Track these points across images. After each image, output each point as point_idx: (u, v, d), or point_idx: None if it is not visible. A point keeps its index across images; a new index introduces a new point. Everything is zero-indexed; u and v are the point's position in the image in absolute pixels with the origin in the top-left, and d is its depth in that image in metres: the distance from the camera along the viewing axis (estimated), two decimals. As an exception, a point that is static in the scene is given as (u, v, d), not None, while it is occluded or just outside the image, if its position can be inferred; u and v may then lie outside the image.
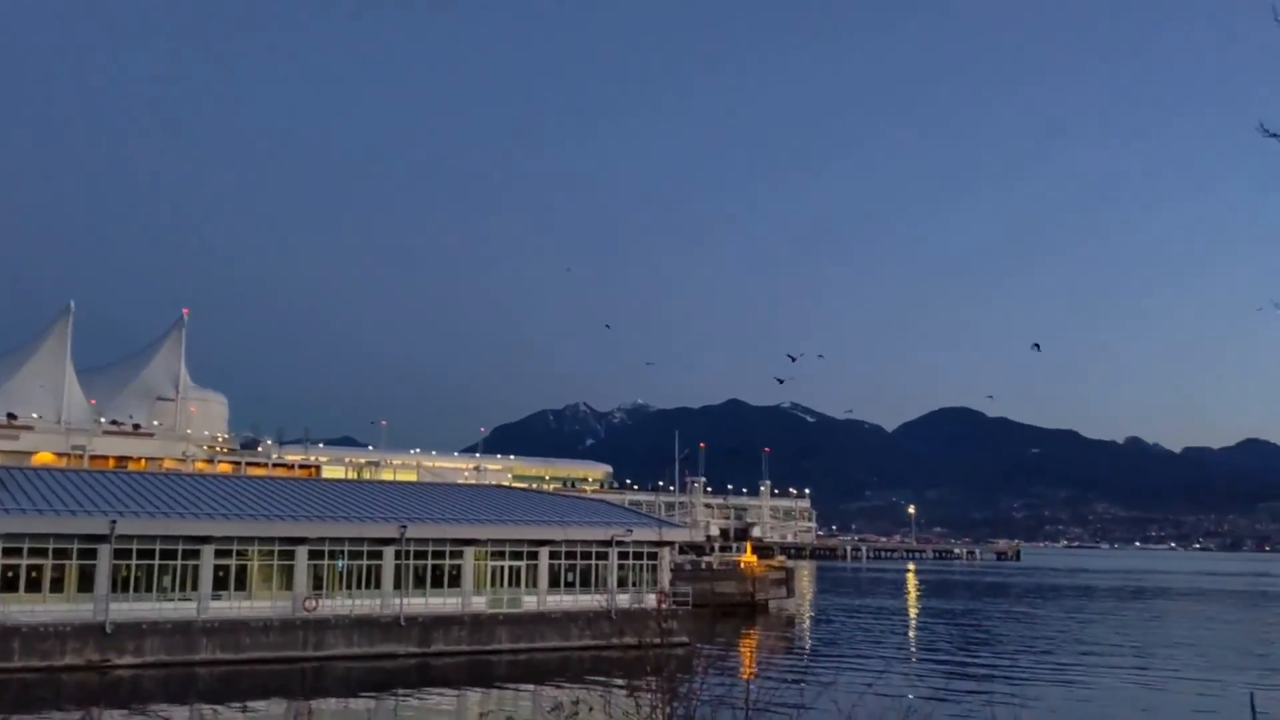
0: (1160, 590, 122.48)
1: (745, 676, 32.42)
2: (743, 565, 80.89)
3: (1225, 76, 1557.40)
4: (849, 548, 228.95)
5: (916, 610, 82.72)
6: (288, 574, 42.77)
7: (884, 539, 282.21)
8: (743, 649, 51.52)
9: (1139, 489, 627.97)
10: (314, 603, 41.85)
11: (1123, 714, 34.26)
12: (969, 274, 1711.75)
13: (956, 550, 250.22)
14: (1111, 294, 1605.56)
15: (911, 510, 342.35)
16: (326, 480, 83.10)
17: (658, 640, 11.76)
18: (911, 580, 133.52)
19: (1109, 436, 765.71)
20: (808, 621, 70.04)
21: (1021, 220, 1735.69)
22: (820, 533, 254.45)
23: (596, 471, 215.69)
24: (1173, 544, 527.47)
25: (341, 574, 44.00)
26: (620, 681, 11.91)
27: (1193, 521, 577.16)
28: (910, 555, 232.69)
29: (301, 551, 42.91)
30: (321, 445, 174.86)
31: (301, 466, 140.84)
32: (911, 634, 63.65)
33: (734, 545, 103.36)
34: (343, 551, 44.03)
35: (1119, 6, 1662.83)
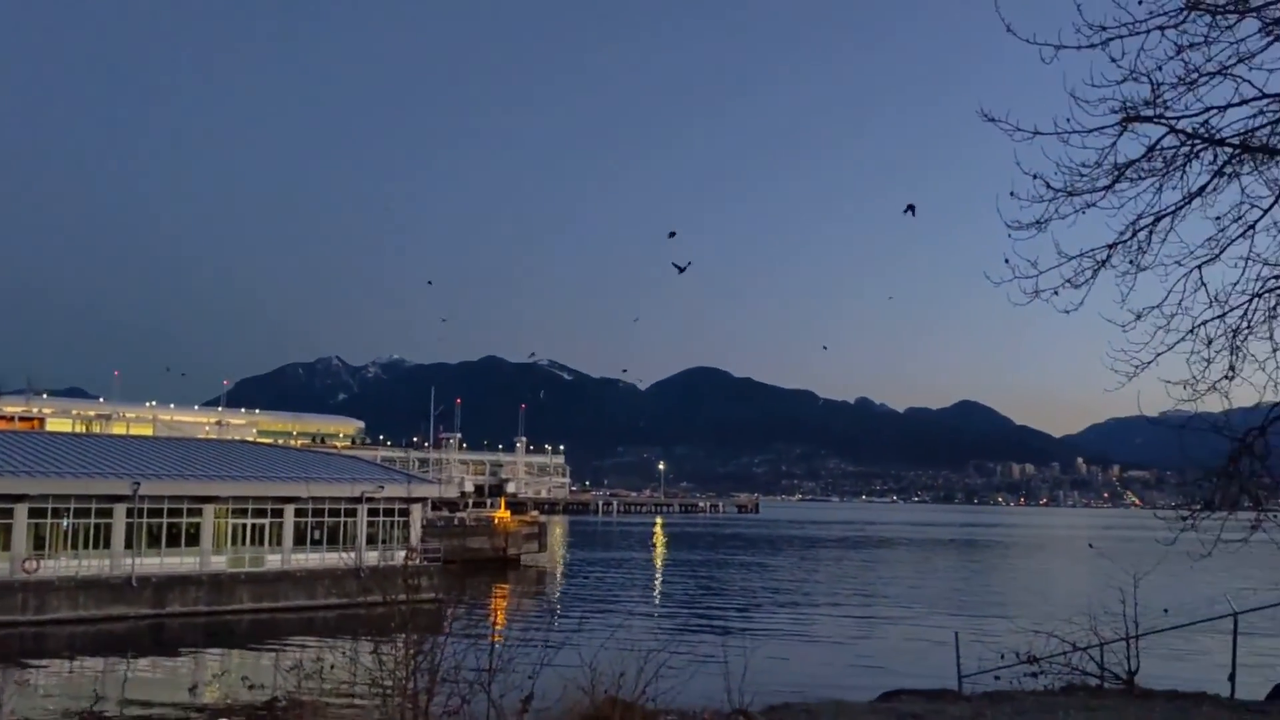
0: (881, 540, 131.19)
1: (493, 630, 32.70)
2: (496, 521, 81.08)
3: (952, 63, 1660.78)
4: (601, 503, 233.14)
5: (661, 562, 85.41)
6: (5, 533, 39.81)
7: (634, 494, 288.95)
8: (493, 604, 51.78)
9: (867, 446, 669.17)
10: (34, 564, 39.13)
11: (843, 655, 36.62)
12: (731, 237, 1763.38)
13: (701, 504, 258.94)
14: (843, 266, 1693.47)
15: (661, 466, 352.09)
16: (51, 433, 77.58)
17: (404, 598, 11.71)
18: (659, 533, 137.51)
19: (841, 397, 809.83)
20: (558, 575, 71.07)
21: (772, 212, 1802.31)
22: (574, 488, 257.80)
23: (348, 427, 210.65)
24: (894, 497, 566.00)
25: (67, 533, 41.34)
26: (366, 640, 11.79)
27: (912, 476, 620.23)
28: (658, 509, 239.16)
29: (21, 509, 39.97)
30: (45, 396, 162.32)
31: (22, 419, 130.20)
32: (655, 584, 65.72)
33: (488, 501, 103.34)
34: (68, 509, 41.33)
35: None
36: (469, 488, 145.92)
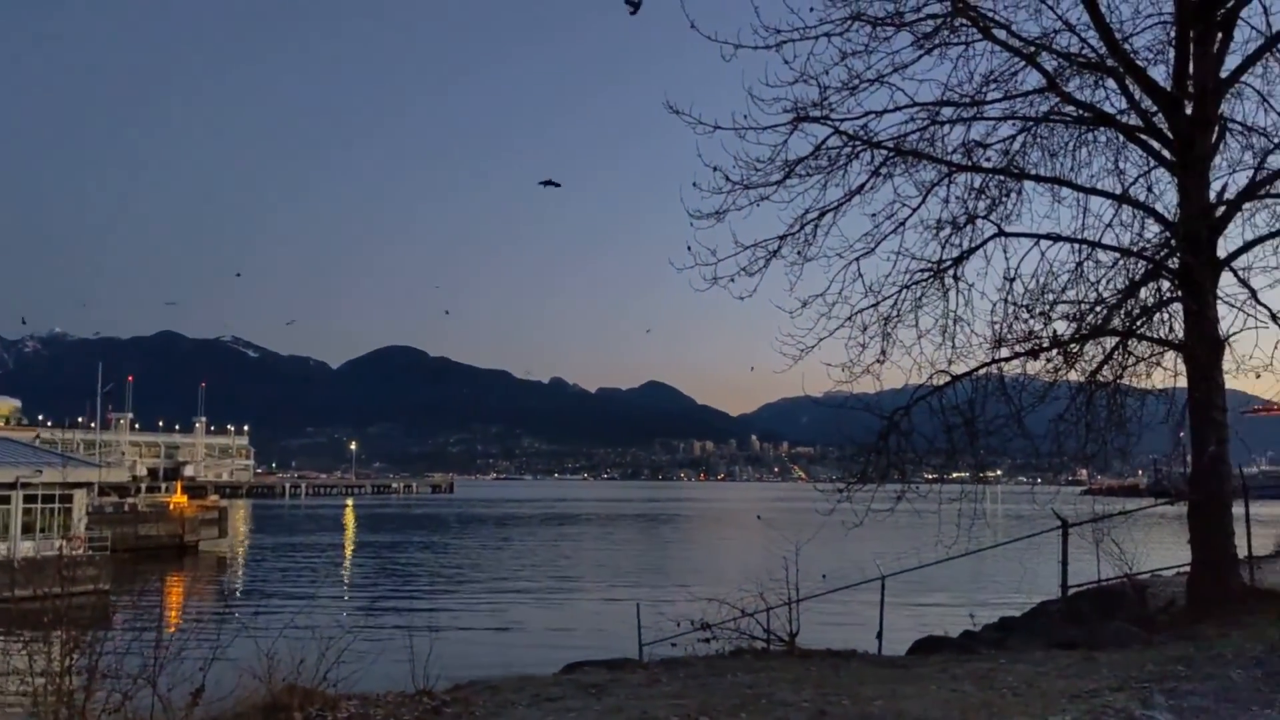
0: (571, 516, 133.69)
1: (163, 622, 30.60)
2: (172, 506, 76.28)
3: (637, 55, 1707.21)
4: (288, 485, 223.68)
5: (351, 546, 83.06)
6: None
7: (324, 476, 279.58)
8: (167, 594, 48.57)
9: (560, 425, 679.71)
10: None
11: (530, 632, 36.93)
12: (426, 221, 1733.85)
13: (394, 485, 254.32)
14: (551, 252, 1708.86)
15: (353, 446, 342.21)
16: None
17: (59, 591, 10.86)
18: (349, 516, 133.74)
19: (536, 377, 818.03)
20: (240, 562, 67.63)
21: (467, 185, 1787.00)
22: (259, 470, 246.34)
23: (2, 406, 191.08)
24: (586, 475, 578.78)
25: None
26: (19, 637, 10.72)
27: (603, 454, 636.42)
28: (350, 491, 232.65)
29: None
30: None
31: None
32: (343, 569, 63.82)
33: (164, 485, 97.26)
34: None
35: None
36: (142, 471, 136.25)
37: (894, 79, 16.99)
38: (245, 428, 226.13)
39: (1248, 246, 16.82)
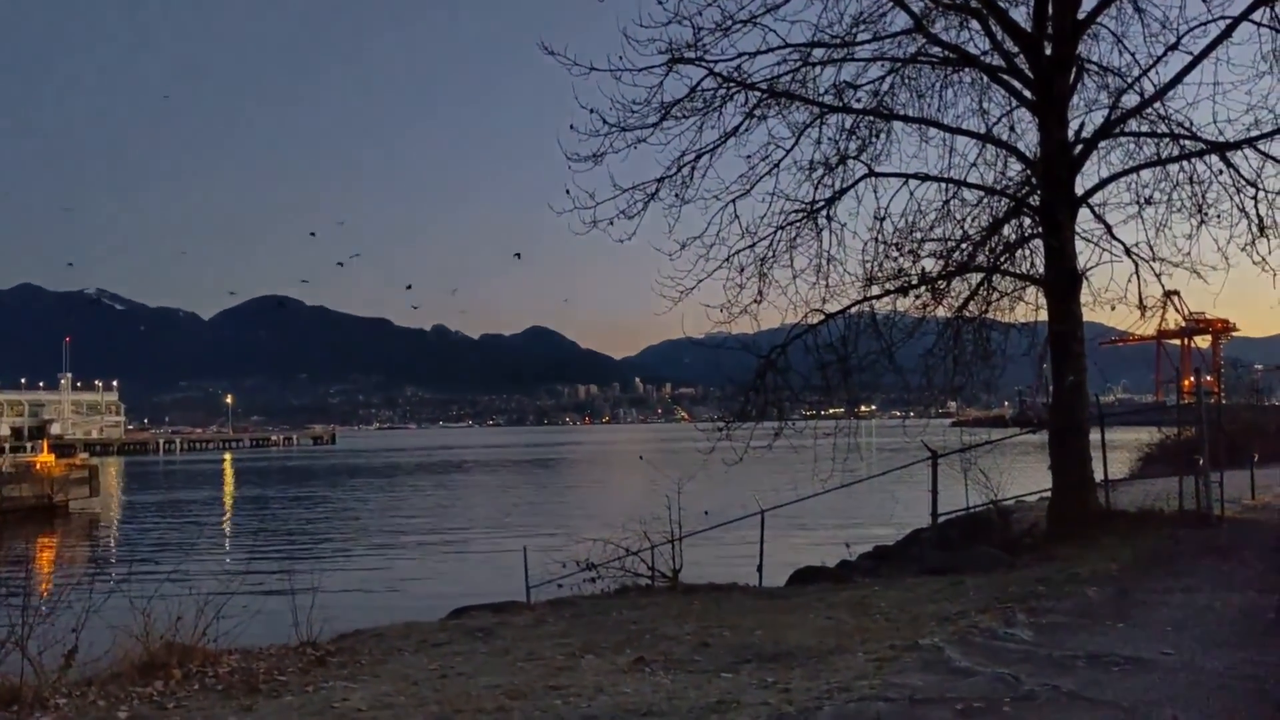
0: (457, 464, 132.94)
1: (32, 584, 29.51)
2: (38, 466, 73.29)
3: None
4: (162, 441, 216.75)
5: (229, 500, 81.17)
6: None
7: (200, 430, 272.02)
8: (36, 556, 46.79)
9: (443, 373, 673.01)
10: None
11: (418, 579, 36.72)
12: (290, 163, 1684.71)
13: (273, 438, 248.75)
14: (417, 193, 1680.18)
15: (229, 400, 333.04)
16: None
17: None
18: (228, 470, 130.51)
19: (417, 325, 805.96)
20: (114, 521, 65.48)
21: (334, 124, 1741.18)
22: (131, 426, 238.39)
23: None
24: (470, 421, 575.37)
25: None
26: None
27: (487, 401, 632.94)
28: (227, 445, 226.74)
29: None
30: None
31: None
32: (222, 524, 62.37)
33: (29, 445, 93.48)
34: None
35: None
36: (4, 430, 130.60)
37: (766, 20, 17.05)
38: (114, 383, 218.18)
39: (1103, 184, 17.48)
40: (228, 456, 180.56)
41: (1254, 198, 16.45)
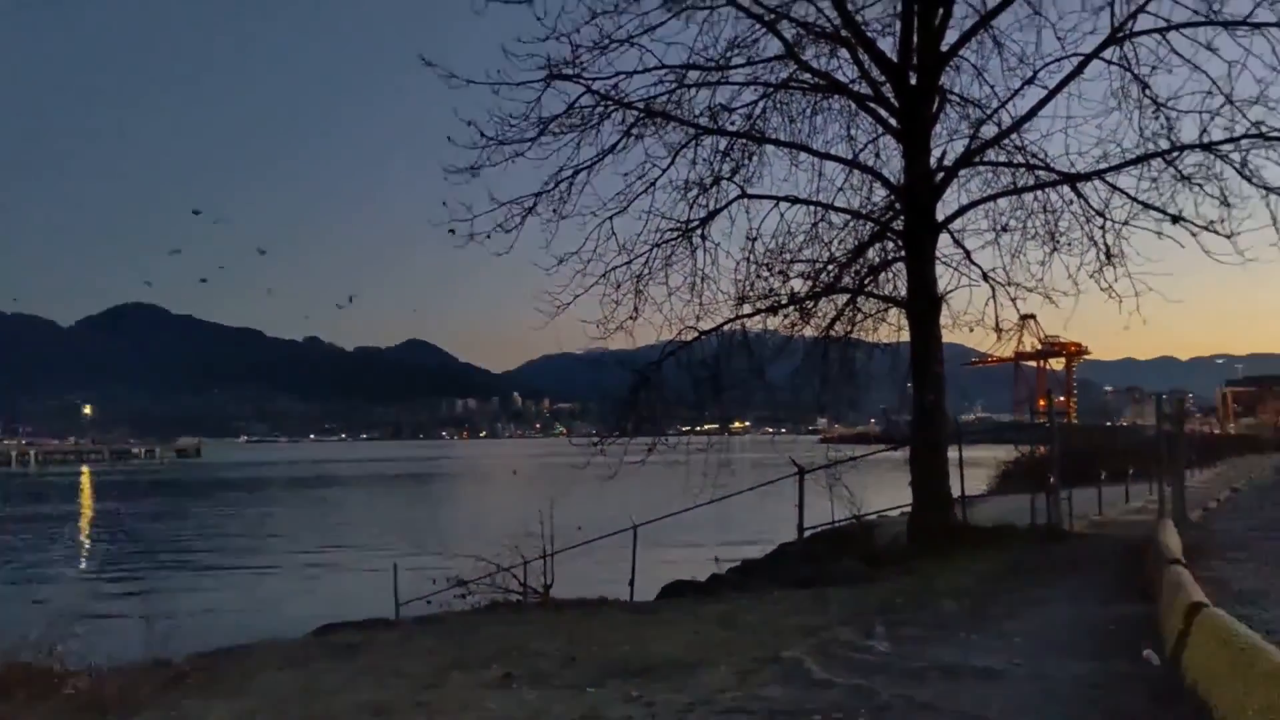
0: (328, 479, 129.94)
1: None
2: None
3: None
4: (15, 453, 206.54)
5: (86, 515, 77.71)
6: None
7: (57, 442, 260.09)
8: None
9: (316, 384, 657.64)
10: None
11: (281, 600, 35.70)
12: (159, 169, 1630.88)
13: (136, 450, 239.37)
14: (303, 206, 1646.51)
15: (87, 410, 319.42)
16: None
17: None
18: (86, 483, 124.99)
19: (290, 335, 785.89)
20: (-44, 537, 61.99)
21: (208, 129, 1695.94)
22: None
23: None
24: (344, 435, 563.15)
25: None
26: None
27: (362, 413, 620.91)
28: (86, 457, 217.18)
29: None
30: None
31: None
32: (77, 540, 59.65)
33: None
34: None
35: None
36: None
37: (644, 40, 17.24)
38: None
39: (963, 210, 18.14)
40: (86, 469, 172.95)
41: (1102, 227, 17.27)
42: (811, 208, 18.70)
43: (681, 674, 9.04)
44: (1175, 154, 16.15)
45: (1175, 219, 16.35)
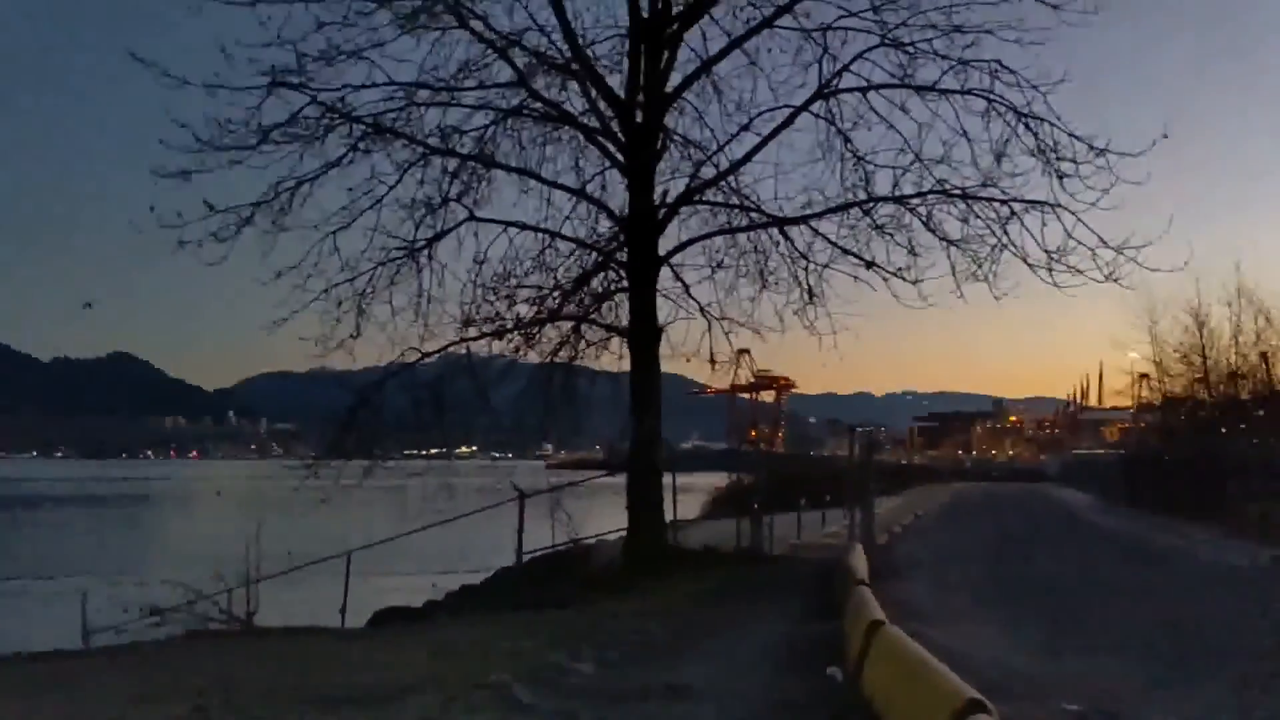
0: (16, 499, 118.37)
1: None
2: None
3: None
4: None
5: None
6: None
7: None
8: None
9: (4, 398, 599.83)
10: None
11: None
12: None
13: None
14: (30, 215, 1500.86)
15: None
16: None
17: None
18: None
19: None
20: None
21: None
22: None
23: None
24: (35, 452, 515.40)
25: None
26: None
27: (57, 429, 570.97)
28: None
29: None
30: None
31: None
32: None
33: None
34: None
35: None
36: None
37: (373, 55, 16.84)
38: None
39: (683, 246, 18.76)
40: None
41: (805, 269, 18.27)
42: (539, 234, 18.82)
43: (385, 703, 8.73)
44: (871, 204, 17.35)
45: (869, 264, 17.53)
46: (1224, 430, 41.95)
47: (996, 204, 16.60)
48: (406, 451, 20.86)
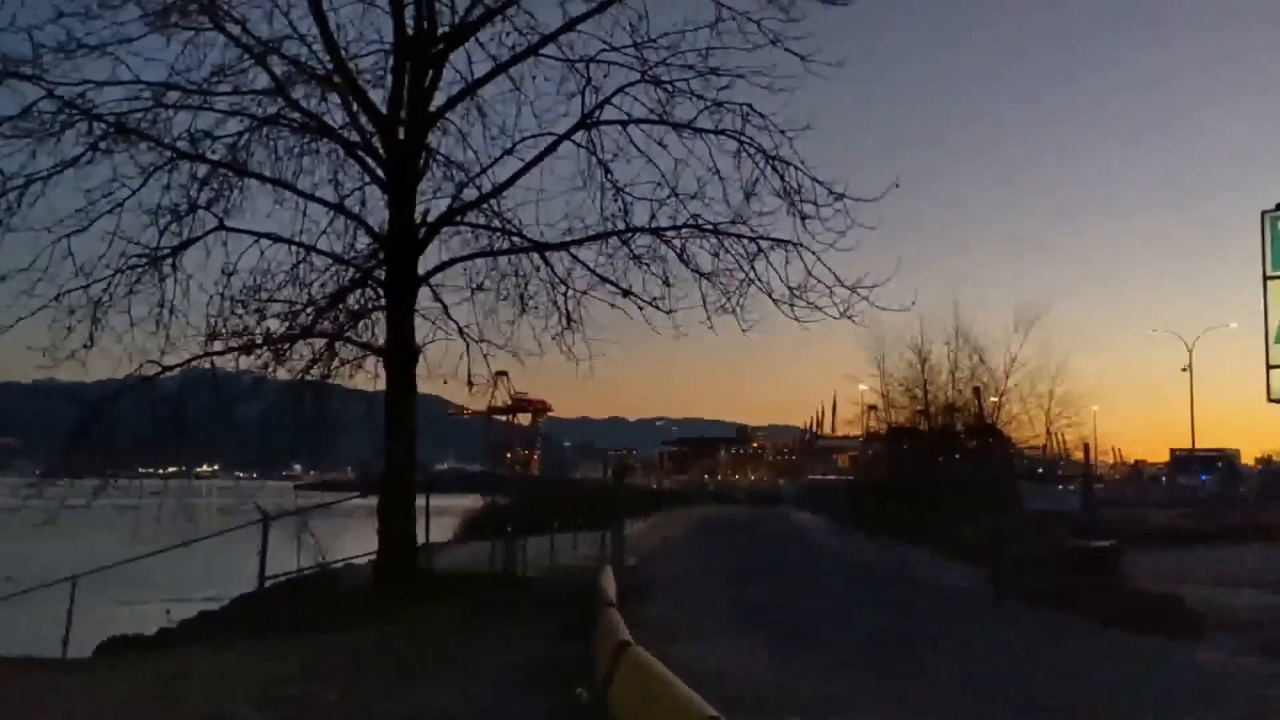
0: None
1: None
2: None
3: None
4: None
5: None
6: None
7: None
8: None
9: None
10: None
11: None
12: None
13: None
14: None
15: None
16: None
17: None
18: None
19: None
20: None
21: None
22: None
23: None
24: None
25: None
26: None
27: None
28: None
29: None
30: None
31: None
32: None
33: None
34: None
35: None
36: None
37: (119, 50, 15.80)
38: None
39: (443, 266, 18.46)
40: None
41: (564, 294, 18.35)
42: (294, 248, 18.03)
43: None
44: (629, 234, 17.65)
45: (626, 293, 17.82)
46: (940, 459, 45.28)
47: (745, 240, 17.24)
48: (142, 470, 19.53)
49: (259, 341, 17.61)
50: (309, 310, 18.02)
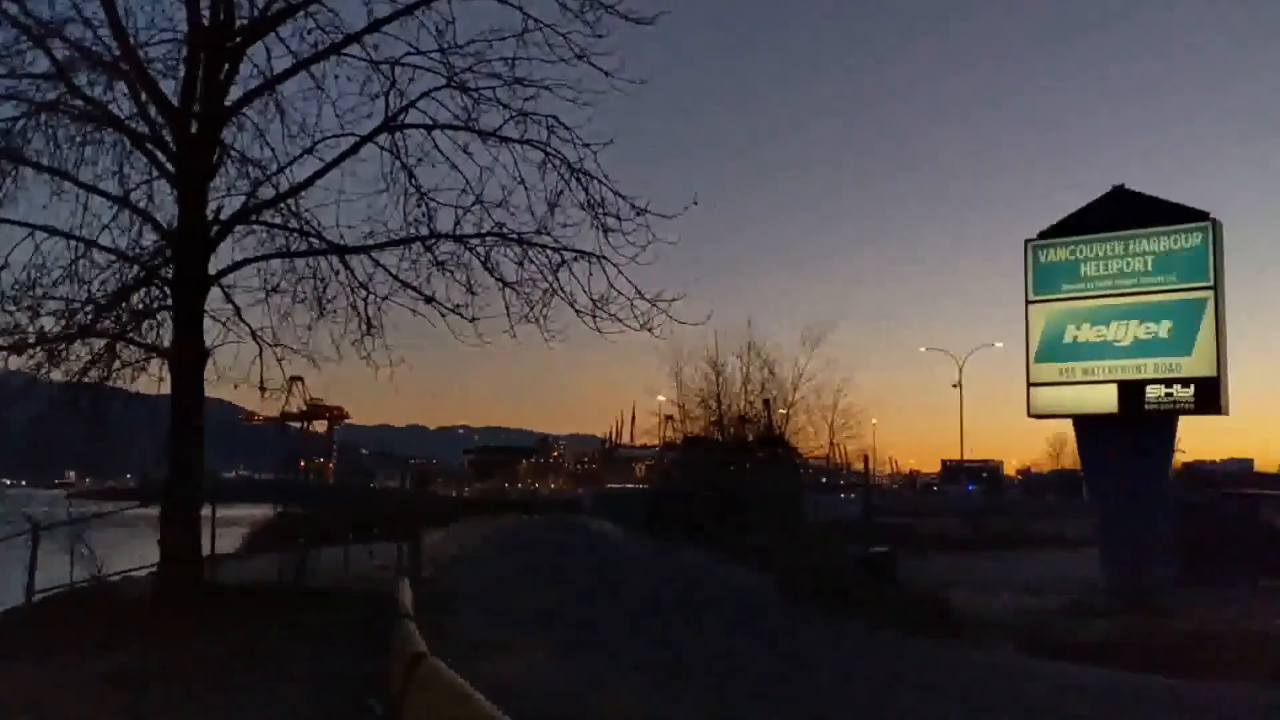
0: None
1: None
2: None
3: None
4: None
5: None
6: None
7: None
8: None
9: None
10: None
11: None
12: None
13: None
14: None
15: None
16: None
17: None
18: None
19: None
20: None
21: None
22: None
23: None
24: None
25: None
26: None
27: None
28: None
29: None
30: None
31: None
32: None
33: None
34: None
35: None
36: None
37: None
38: None
39: (236, 266, 17.53)
40: None
41: (365, 299, 17.74)
42: (72, 242, 16.74)
43: None
44: (433, 240, 17.25)
45: (429, 299, 17.39)
46: (733, 468, 46.59)
47: (549, 251, 17.14)
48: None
49: (31, 341, 16.29)
50: (88, 309, 16.76)
